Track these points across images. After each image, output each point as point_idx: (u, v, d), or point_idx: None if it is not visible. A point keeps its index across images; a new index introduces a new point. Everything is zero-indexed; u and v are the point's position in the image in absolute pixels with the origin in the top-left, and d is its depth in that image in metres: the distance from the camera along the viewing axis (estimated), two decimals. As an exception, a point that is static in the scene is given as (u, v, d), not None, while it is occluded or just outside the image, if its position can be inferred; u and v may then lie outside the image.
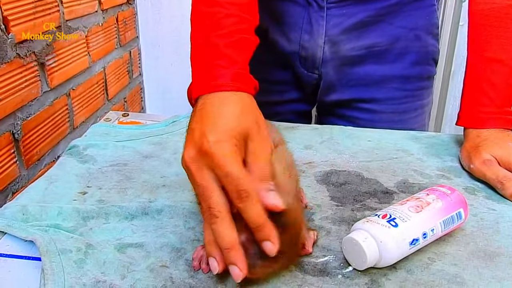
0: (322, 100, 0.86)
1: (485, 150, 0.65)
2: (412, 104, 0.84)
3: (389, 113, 0.84)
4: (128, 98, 1.49)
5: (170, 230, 0.53)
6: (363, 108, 0.84)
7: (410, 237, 0.47)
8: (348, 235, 0.47)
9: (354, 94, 0.83)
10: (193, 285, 0.46)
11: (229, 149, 0.43)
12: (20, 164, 0.89)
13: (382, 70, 0.81)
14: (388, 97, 0.83)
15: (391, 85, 0.82)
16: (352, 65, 0.80)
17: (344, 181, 0.64)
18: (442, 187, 0.54)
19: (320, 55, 0.80)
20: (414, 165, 0.69)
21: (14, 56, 0.85)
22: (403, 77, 0.82)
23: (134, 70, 1.54)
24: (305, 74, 0.83)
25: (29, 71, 0.91)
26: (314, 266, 0.48)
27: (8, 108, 0.85)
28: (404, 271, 0.48)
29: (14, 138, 0.87)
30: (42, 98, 0.96)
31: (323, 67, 0.81)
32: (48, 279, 0.45)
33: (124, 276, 0.47)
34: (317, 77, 0.82)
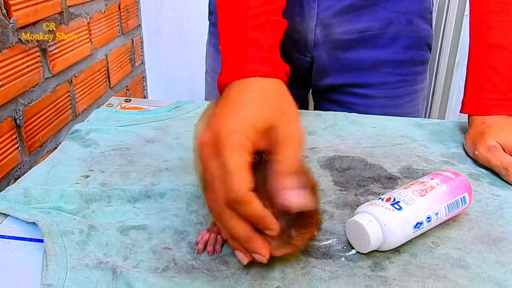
0: (316, 85, 0.86)
1: (490, 136, 0.65)
2: (406, 89, 0.84)
3: (383, 98, 0.83)
4: (130, 86, 1.48)
5: (172, 213, 0.53)
6: (357, 93, 0.84)
7: (414, 220, 0.47)
8: (352, 218, 0.47)
9: (348, 79, 0.83)
10: (196, 267, 0.45)
11: (237, 141, 0.41)
12: (22, 150, 0.89)
13: (375, 55, 0.80)
14: (382, 81, 0.83)
15: (384, 70, 0.82)
16: (345, 49, 0.80)
17: (347, 166, 0.64)
18: (447, 172, 0.54)
19: (312, 38, 0.79)
20: (418, 151, 0.69)
21: (16, 42, 0.85)
22: (396, 61, 0.81)
23: (136, 58, 1.53)
24: (297, 57, 0.82)
25: (31, 56, 0.91)
26: (317, 249, 0.48)
27: (10, 93, 0.84)
28: (407, 255, 0.47)
29: (16, 124, 0.87)
30: (44, 84, 0.96)
31: (315, 50, 0.80)
32: (50, 260, 0.45)
33: (126, 257, 0.47)
34: (310, 60, 0.82)
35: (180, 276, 0.44)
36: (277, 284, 0.43)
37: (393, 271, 0.45)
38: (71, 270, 0.44)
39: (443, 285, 0.44)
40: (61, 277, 0.43)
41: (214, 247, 0.48)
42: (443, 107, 1.65)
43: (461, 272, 0.45)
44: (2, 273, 0.46)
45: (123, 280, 0.43)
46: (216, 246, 0.48)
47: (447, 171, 0.54)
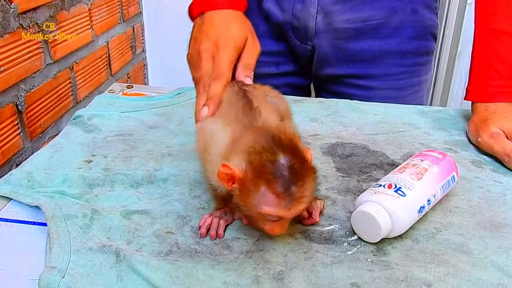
0: (317, 75, 0.85)
1: (493, 123, 0.65)
2: (410, 80, 0.83)
3: (385, 90, 0.83)
4: (131, 74, 1.48)
5: (175, 198, 0.53)
6: (358, 84, 0.82)
7: (418, 205, 0.47)
8: (359, 209, 0.47)
9: (349, 69, 0.82)
10: (199, 251, 0.46)
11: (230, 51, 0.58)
12: (23, 136, 0.89)
13: (378, 45, 0.79)
14: (385, 73, 0.82)
15: (387, 61, 0.81)
16: (347, 39, 0.79)
17: (350, 153, 0.64)
18: (433, 152, 0.54)
19: (313, 26, 0.78)
20: (421, 138, 0.69)
21: (17, 27, 0.85)
22: (400, 52, 0.80)
23: (137, 46, 1.52)
24: (298, 45, 0.81)
25: (32, 42, 0.90)
26: (320, 234, 0.48)
27: (12, 79, 0.84)
28: (409, 240, 0.48)
29: (17, 110, 0.87)
30: (45, 70, 0.95)
31: (316, 38, 0.79)
32: (54, 243, 0.45)
33: (130, 241, 0.47)
34: (310, 48, 0.81)
35: (183, 260, 0.44)
36: (280, 268, 0.44)
37: (395, 256, 0.45)
38: (75, 253, 0.44)
39: (445, 270, 0.44)
40: (64, 259, 0.43)
41: (217, 231, 0.48)
42: (445, 96, 1.64)
43: (463, 257, 0.45)
44: (6, 256, 0.46)
45: (127, 264, 0.43)
46: (218, 231, 0.48)
47: (433, 151, 0.55)
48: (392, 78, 0.82)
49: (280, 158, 0.42)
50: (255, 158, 0.42)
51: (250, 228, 0.49)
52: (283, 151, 0.43)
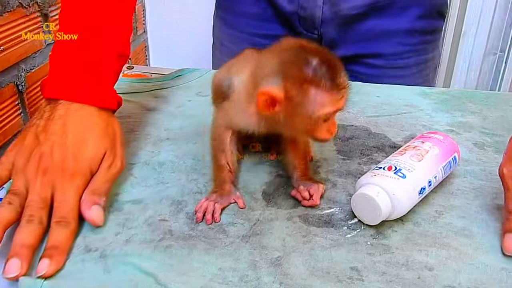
0: None
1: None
2: (416, 58, 0.81)
3: (392, 68, 0.81)
4: (132, 55, 1.46)
5: (171, 184, 0.52)
6: (364, 63, 0.81)
7: (418, 186, 0.46)
8: (359, 191, 0.46)
9: (356, 49, 0.80)
10: (193, 236, 0.45)
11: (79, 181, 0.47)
12: (24, 116, 0.89)
13: (385, 24, 0.78)
14: (391, 52, 0.80)
15: (393, 40, 0.79)
16: (353, 23, 0.77)
17: (351, 135, 0.63)
18: (434, 134, 0.53)
19: (319, 15, 0.76)
20: (423, 120, 0.67)
21: (16, 5, 0.84)
22: (406, 31, 0.79)
23: (139, 27, 1.51)
24: (304, 35, 0.80)
25: (32, 21, 0.89)
26: (319, 218, 0.47)
27: (12, 58, 0.84)
28: (411, 223, 0.46)
29: (18, 90, 0.86)
30: (46, 50, 0.95)
31: (323, 27, 0.77)
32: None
33: (118, 232, 0.45)
34: (317, 37, 0.79)
35: (177, 245, 0.43)
36: (277, 254, 0.43)
37: (395, 240, 0.44)
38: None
39: (446, 253, 0.43)
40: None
41: (213, 215, 0.47)
42: (448, 76, 1.62)
43: (465, 241, 0.44)
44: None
45: (114, 258, 0.42)
46: (214, 214, 0.47)
47: (434, 132, 0.54)
48: (398, 57, 0.81)
49: (311, 58, 0.42)
50: (289, 69, 0.42)
51: (247, 213, 0.48)
52: (310, 52, 0.43)
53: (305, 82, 0.41)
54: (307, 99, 0.42)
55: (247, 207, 0.49)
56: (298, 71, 0.42)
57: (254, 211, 0.48)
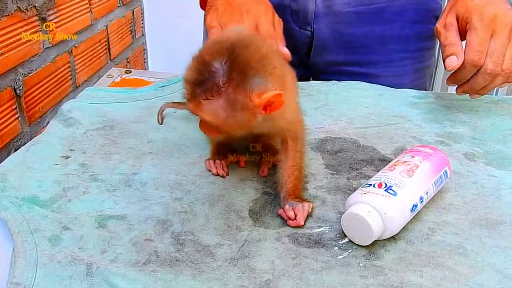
0: (316, 63, 0.82)
1: (453, 9, 0.64)
2: (412, 66, 0.80)
3: (387, 77, 0.80)
4: (130, 58, 1.45)
5: (155, 201, 0.50)
6: (359, 72, 0.80)
7: (410, 203, 0.45)
8: (349, 211, 0.44)
9: (350, 56, 0.79)
10: (180, 259, 0.43)
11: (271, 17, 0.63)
12: (22, 120, 0.88)
13: (380, 31, 0.77)
14: (386, 59, 0.79)
15: (389, 47, 0.78)
16: (348, 24, 0.76)
17: (339, 148, 0.61)
18: (424, 147, 0.52)
19: (312, 9, 0.75)
20: (413, 131, 0.66)
21: (14, 9, 0.82)
22: (402, 37, 0.78)
23: (137, 30, 1.49)
24: (297, 31, 0.78)
25: (30, 25, 0.87)
26: (308, 237, 0.46)
27: (10, 62, 0.83)
28: (403, 242, 0.45)
29: (16, 94, 0.86)
30: (43, 54, 0.94)
31: (316, 22, 0.76)
32: (19, 257, 0.42)
33: (104, 250, 0.43)
34: (310, 34, 0.78)
35: (163, 270, 0.41)
36: (266, 277, 0.41)
37: (389, 260, 0.43)
38: (42, 267, 0.41)
39: (441, 273, 0.42)
40: (30, 275, 0.40)
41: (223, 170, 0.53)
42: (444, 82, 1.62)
43: (460, 260, 0.43)
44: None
45: (100, 276, 0.40)
46: (224, 169, 0.54)
47: (424, 146, 0.53)
48: (394, 65, 0.79)
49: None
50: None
51: (234, 233, 0.46)
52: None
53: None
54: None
55: (234, 226, 0.47)
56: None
57: (242, 231, 0.46)
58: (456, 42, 0.62)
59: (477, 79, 0.62)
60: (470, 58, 0.60)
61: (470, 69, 0.61)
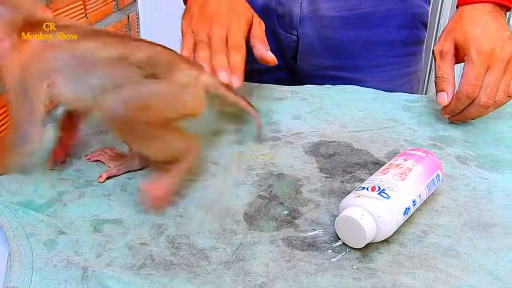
0: (302, 67, 0.83)
1: (449, 34, 0.65)
2: (399, 71, 0.81)
3: (373, 82, 0.80)
4: None
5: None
6: (345, 77, 0.80)
7: (402, 206, 0.45)
8: (342, 214, 0.45)
9: (336, 60, 0.80)
10: (175, 263, 0.43)
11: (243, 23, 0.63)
12: None
13: (366, 36, 0.77)
14: (372, 64, 0.80)
15: (375, 52, 0.79)
16: (333, 28, 0.77)
17: (333, 152, 0.62)
18: (417, 151, 0.53)
19: (298, 12, 0.76)
20: (406, 134, 0.67)
21: None
22: (388, 42, 0.78)
23: (132, 35, 1.49)
24: (283, 36, 0.79)
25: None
26: (302, 240, 0.46)
27: None
28: (396, 245, 0.46)
29: None
30: None
31: (301, 27, 0.77)
32: (14, 261, 0.42)
33: (99, 254, 0.44)
34: (296, 38, 0.78)
35: (158, 274, 0.42)
36: (261, 280, 0.41)
37: (382, 262, 0.43)
38: (37, 271, 0.41)
39: (433, 275, 0.42)
40: (25, 279, 0.40)
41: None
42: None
43: (452, 262, 0.44)
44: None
45: (96, 280, 0.41)
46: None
47: (417, 149, 0.53)
48: (380, 70, 0.80)
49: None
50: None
51: (229, 236, 0.46)
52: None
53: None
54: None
55: (229, 230, 0.47)
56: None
57: (237, 235, 0.47)
58: (449, 76, 0.65)
59: (470, 109, 0.65)
60: (465, 90, 0.62)
61: (464, 100, 0.64)
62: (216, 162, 0.59)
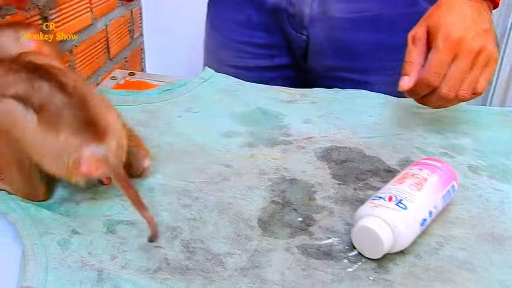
0: (312, 67, 0.83)
1: (426, 20, 0.62)
2: None
3: (382, 85, 0.80)
4: (129, 58, 1.45)
5: (163, 208, 0.50)
6: (353, 79, 0.80)
7: (420, 217, 0.45)
8: (360, 223, 0.44)
9: (344, 62, 0.79)
10: (191, 267, 0.43)
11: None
12: None
13: (374, 38, 0.77)
14: (380, 67, 0.79)
15: (381, 54, 0.78)
16: (343, 30, 0.77)
17: (345, 158, 0.62)
18: (431, 160, 0.53)
19: (308, 12, 0.76)
20: (416, 142, 0.67)
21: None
22: (395, 46, 0.78)
23: (135, 30, 1.49)
24: (293, 35, 0.79)
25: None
26: (317, 248, 0.46)
27: None
28: (412, 256, 0.45)
29: None
30: None
31: (311, 27, 0.77)
32: (29, 260, 0.41)
33: (114, 256, 0.43)
34: (306, 38, 0.78)
35: (174, 278, 0.41)
36: (276, 287, 0.41)
37: (398, 274, 0.43)
38: (52, 271, 0.41)
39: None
40: (41, 278, 0.39)
41: None
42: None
43: (468, 275, 0.44)
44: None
45: (111, 282, 0.40)
46: None
47: (431, 159, 0.53)
48: (386, 73, 0.80)
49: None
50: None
51: (244, 242, 0.46)
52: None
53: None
54: None
55: (243, 235, 0.47)
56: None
57: (251, 241, 0.46)
58: (416, 61, 0.61)
59: (431, 98, 0.61)
60: (425, 77, 0.59)
61: (423, 87, 0.60)
62: (227, 165, 0.58)
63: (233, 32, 0.83)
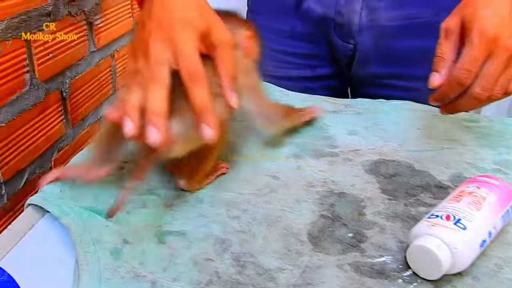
0: (357, 75, 0.82)
1: (457, 11, 0.57)
2: None
3: (427, 92, 0.78)
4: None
5: (212, 219, 0.50)
6: (398, 86, 0.79)
7: (479, 238, 0.44)
8: (417, 243, 0.43)
9: (391, 69, 0.78)
10: (242, 282, 0.42)
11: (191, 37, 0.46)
12: (66, 122, 0.92)
13: (423, 45, 0.75)
14: (427, 74, 0.78)
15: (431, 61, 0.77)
16: (392, 37, 0.75)
17: (394, 172, 0.60)
18: (488, 178, 0.51)
19: (357, 22, 0.75)
20: (468, 157, 0.64)
21: (66, 14, 0.85)
22: None
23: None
24: (339, 45, 0.78)
25: (79, 29, 0.91)
26: (371, 267, 0.45)
27: (59, 65, 0.86)
28: (470, 278, 0.44)
29: (62, 97, 0.89)
30: (89, 57, 0.97)
31: (359, 36, 0.76)
32: (83, 270, 0.42)
33: (165, 268, 0.43)
34: (352, 47, 0.77)
35: (226, 293, 0.41)
36: (331, 306, 0.40)
37: (456, 297, 0.42)
38: (105, 282, 0.41)
39: (511, 315, 0.40)
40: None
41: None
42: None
43: (530, 301, 0.42)
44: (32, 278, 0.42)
45: (164, 295, 0.40)
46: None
47: (488, 176, 0.51)
48: None
49: None
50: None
51: (294, 258, 0.45)
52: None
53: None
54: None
55: (294, 250, 0.46)
56: None
57: (302, 256, 0.45)
58: (447, 56, 0.57)
59: (461, 100, 0.56)
60: (457, 75, 0.54)
61: (455, 87, 0.55)
62: (274, 176, 0.58)
63: (274, 42, 0.82)
